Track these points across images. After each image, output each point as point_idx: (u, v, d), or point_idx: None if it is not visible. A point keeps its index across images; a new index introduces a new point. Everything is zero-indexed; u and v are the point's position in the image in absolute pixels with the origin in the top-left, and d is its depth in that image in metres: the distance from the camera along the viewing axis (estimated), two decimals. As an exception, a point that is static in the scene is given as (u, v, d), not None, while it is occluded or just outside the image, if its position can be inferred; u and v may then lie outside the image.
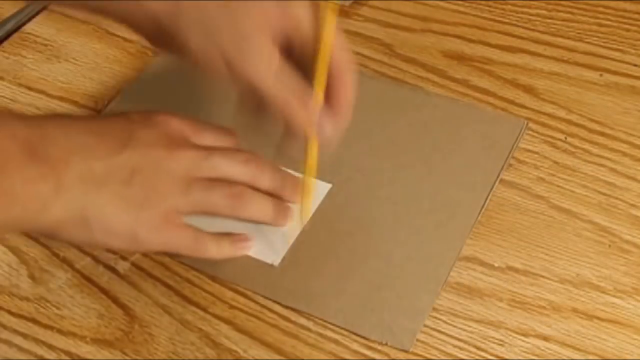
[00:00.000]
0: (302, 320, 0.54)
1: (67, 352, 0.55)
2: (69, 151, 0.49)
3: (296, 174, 0.58)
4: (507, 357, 0.52)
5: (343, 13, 0.75)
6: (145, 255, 0.59)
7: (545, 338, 0.52)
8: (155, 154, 0.52)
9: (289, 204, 0.58)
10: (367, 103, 0.66)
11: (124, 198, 0.50)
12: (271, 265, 0.57)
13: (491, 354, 0.52)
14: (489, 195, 0.59)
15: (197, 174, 0.53)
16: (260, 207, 0.56)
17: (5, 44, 0.75)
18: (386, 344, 0.52)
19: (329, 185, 0.60)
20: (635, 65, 0.68)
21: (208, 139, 0.56)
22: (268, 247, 0.58)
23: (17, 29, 0.76)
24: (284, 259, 0.57)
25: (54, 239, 0.51)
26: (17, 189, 0.46)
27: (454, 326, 0.53)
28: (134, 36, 0.74)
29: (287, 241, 0.58)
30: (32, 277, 0.58)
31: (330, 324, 0.54)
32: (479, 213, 0.58)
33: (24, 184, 0.47)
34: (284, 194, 0.57)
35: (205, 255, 0.56)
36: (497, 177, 0.60)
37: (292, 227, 0.58)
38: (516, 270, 0.56)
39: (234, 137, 0.57)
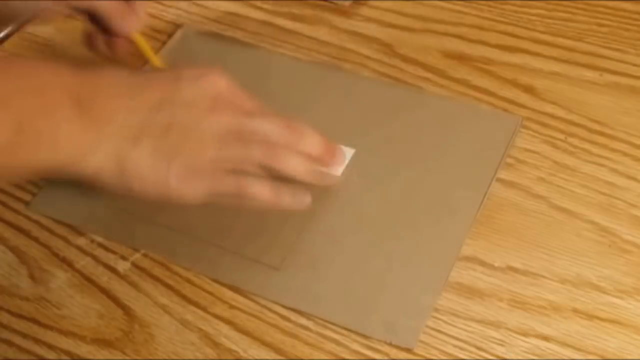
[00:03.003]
0: (302, 320, 0.54)
1: (67, 352, 0.55)
2: (112, 107, 0.52)
3: (341, 146, 0.59)
4: (507, 357, 0.52)
5: (343, 13, 0.75)
6: (145, 255, 0.59)
7: (545, 338, 0.52)
8: (196, 112, 0.54)
9: (324, 170, 0.59)
10: (365, 103, 0.66)
11: (158, 149, 0.52)
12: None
13: (491, 354, 0.52)
14: (486, 192, 0.59)
15: (236, 134, 0.54)
16: (297, 162, 0.56)
17: (5, 44, 0.75)
18: (390, 343, 0.52)
19: (353, 150, 0.62)
20: (635, 65, 0.68)
21: (251, 103, 0.57)
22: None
23: (17, 29, 0.76)
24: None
25: (94, 186, 0.53)
26: (62, 137, 0.50)
27: (454, 326, 0.53)
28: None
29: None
30: (32, 277, 0.59)
31: (331, 323, 0.54)
32: (478, 210, 0.58)
33: (69, 133, 0.50)
34: (323, 160, 0.58)
35: (255, 198, 0.55)
36: (494, 174, 0.60)
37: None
38: (516, 270, 0.56)
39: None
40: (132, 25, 0.62)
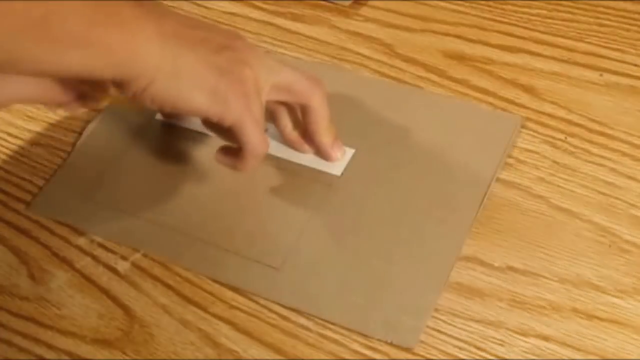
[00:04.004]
0: (302, 320, 0.54)
1: (67, 352, 0.55)
2: (168, 14, 0.55)
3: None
4: (507, 357, 0.52)
5: (343, 13, 0.75)
6: (145, 255, 0.59)
7: (545, 338, 0.52)
8: (239, 44, 0.57)
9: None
10: (365, 103, 0.66)
11: (212, 62, 0.54)
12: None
13: (491, 354, 0.52)
14: (486, 192, 0.59)
15: (271, 77, 0.57)
16: (326, 104, 0.60)
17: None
18: (390, 343, 0.52)
19: (353, 150, 0.62)
20: (635, 65, 0.68)
21: None
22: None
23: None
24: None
25: (143, 93, 0.52)
26: (127, 18, 0.50)
27: (454, 326, 0.53)
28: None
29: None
30: (32, 277, 0.59)
31: (331, 323, 0.54)
32: (478, 210, 0.58)
33: (133, 17, 0.51)
34: (325, 144, 0.62)
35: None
36: (494, 174, 0.60)
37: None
38: (516, 270, 0.56)
39: None
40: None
